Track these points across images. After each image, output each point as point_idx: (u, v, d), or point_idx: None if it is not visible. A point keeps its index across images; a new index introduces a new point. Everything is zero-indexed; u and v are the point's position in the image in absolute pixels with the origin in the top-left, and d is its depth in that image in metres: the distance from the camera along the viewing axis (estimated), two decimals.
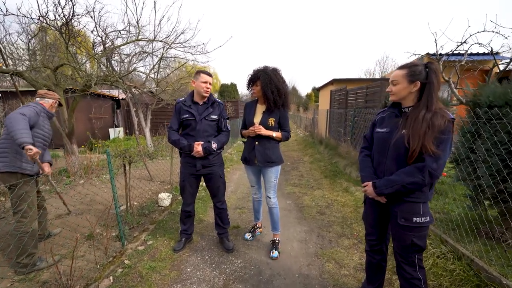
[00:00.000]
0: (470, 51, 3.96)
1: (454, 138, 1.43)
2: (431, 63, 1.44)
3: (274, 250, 2.60)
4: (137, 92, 7.84)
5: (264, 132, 2.40)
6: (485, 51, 4.41)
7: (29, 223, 2.24)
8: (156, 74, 7.09)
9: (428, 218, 1.47)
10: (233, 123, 10.05)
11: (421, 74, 1.43)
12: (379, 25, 65.58)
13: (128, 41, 5.60)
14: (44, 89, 2.73)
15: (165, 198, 3.88)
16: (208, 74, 2.44)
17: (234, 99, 24.85)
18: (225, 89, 31.35)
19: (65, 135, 5.38)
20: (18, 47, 5.84)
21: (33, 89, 4.92)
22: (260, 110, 2.52)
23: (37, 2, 3.86)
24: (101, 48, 5.43)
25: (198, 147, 2.38)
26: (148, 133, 8.29)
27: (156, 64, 6.68)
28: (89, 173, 5.31)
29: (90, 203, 3.83)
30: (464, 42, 3.80)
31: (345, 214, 3.54)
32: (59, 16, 4.09)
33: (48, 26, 4.36)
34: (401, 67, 1.51)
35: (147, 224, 3.25)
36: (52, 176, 2.69)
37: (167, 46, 6.04)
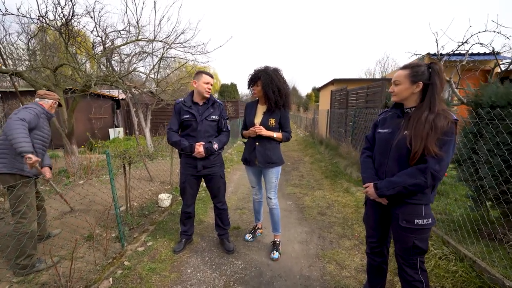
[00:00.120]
0: (471, 51, 3.95)
1: (456, 138, 1.41)
2: (434, 63, 1.42)
3: (274, 251, 2.59)
4: (137, 92, 7.82)
5: (265, 132, 2.39)
6: (486, 51, 4.40)
7: (28, 224, 2.23)
8: (156, 74, 7.08)
9: (430, 220, 1.45)
10: (233, 123, 10.03)
11: (424, 74, 1.41)
12: (379, 25, 65.64)
13: (128, 41, 5.59)
14: (44, 90, 2.72)
15: (165, 199, 3.86)
16: (210, 75, 2.43)
17: (234, 99, 24.85)
18: (225, 89, 31.37)
19: (65, 135, 5.37)
20: (18, 47, 5.84)
21: (33, 89, 4.91)
22: (260, 110, 2.50)
23: (36, 2, 3.84)
24: (101, 48, 5.42)
25: (200, 148, 2.37)
26: (148, 133, 8.28)
27: (156, 64, 6.67)
28: (89, 174, 5.29)
29: (89, 204, 3.82)
30: (465, 42, 3.78)
31: (346, 215, 3.52)
32: (58, 16, 4.08)
33: (47, 26, 4.35)
34: (404, 67, 1.49)
35: (147, 225, 3.23)
36: (51, 176, 2.68)
37: (167, 46, 6.03)
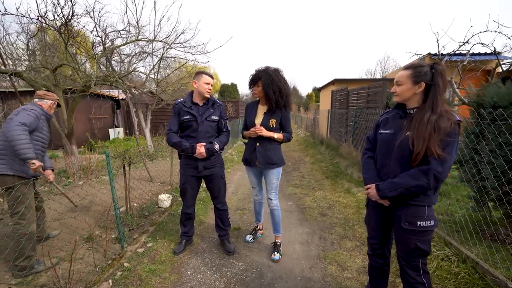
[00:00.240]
0: (472, 51, 3.93)
1: (458, 139, 1.39)
2: (437, 64, 1.40)
3: (275, 252, 2.57)
4: (137, 92, 7.81)
5: (265, 133, 2.37)
6: (488, 51, 4.38)
7: (27, 225, 2.21)
8: (156, 74, 7.06)
9: (432, 222, 1.44)
10: (233, 123, 10.02)
11: (427, 75, 1.39)
12: (380, 24, 65.52)
13: (128, 41, 5.57)
14: (43, 90, 2.70)
15: (165, 199, 3.84)
16: (210, 75, 2.42)
17: (234, 99, 24.88)
18: (226, 89, 31.39)
19: (65, 135, 5.36)
20: (18, 47, 5.83)
21: (32, 89, 4.89)
22: (261, 111, 2.49)
23: (36, 2, 3.83)
24: (101, 48, 5.40)
25: (201, 149, 2.35)
26: (148, 133, 8.27)
27: (156, 64, 6.65)
28: (89, 174, 5.28)
29: (89, 205, 3.81)
30: (467, 42, 3.77)
31: (347, 216, 3.50)
32: (58, 16, 4.07)
33: (47, 26, 4.33)
34: (406, 68, 1.48)
35: (147, 225, 3.22)
36: (55, 178, 2.69)
37: (167, 46, 6.02)
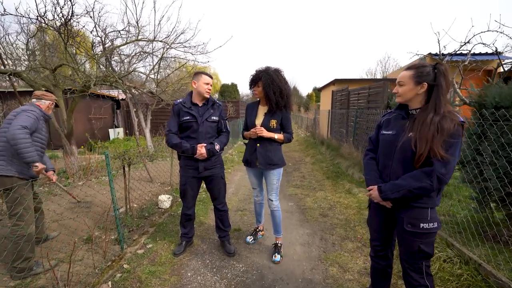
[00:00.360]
0: (473, 51, 3.91)
1: (462, 141, 1.38)
2: (440, 64, 1.39)
3: (276, 254, 2.55)
4: (136, 92, 7.79)
5: (266, 134, 2.36)
6: (489, 51, 4.36)
7: (25, 227, 2.20)
8: (156, 74, 7.04)
9: (435, 224, 1.42)
10: (233, 124, 10.00)
11: (429, 75, 1.38)
12: (380, 24, 65.37)
13: (128, 41, 5.56)
14: (43, 90, 2.69)
15: (165, 200, 3.83)
16: (209, 75, 2.40)
17: (235, 99, 24.88)
18: (226, 89, 31.38)
19: (64, 136, 5.34)
20: (18, 47, 5.81)
21: (32, 89, 4.87)
22: (262, 111, 2.47)
23: (35, 1, 3.81)
24: (101, 48, 5.38)
25: (202, 149, 2.34)
26: (148, 133, 8.25)
27: (156, 64, 6.63)
28: (88, 175, 5.26)
29: (88, 206, 3.79)
30: (468, 42, 3.75)
31: (348, 216, 3.48)
32: (57, 16, 4.05)
33: (46, 26, 4.31)
34: (408, 68, 1.46)
35: (147, 226, 3.20)
36: (57, 179, 2.69)
37: (167, 46, 6.00)
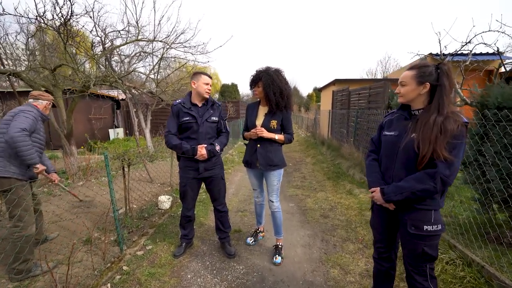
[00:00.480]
0: (474, 51, 3.89)
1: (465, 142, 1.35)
2: (443, 63, 1.36)
3: (277, 255, 2.53)
4: (136, 92, 7.77)
5: (266, 134, 2.34)
6: (489, 51, 4.33)
7: (25, 228, 2.18)
8: (156, 74, 7.02)
9: (439, 226, 1.40)
10: (234, 124, 9.98)
11: (431, 75, 1.36)
12: (380, 24, 65.36)
13: (128, 41, 5.54)
14: (42, 90, 2.67)
15: (165, 201, 3.80)
16: (208, 75, 2.39)
17: (235, 99, 24.87)
18: (226, 89, 31.38)
19: (64, 136, 5.32)
20: (18, 48, 5.79)
21: (31, 89, 4.85)
22: (262, 111, 2.45)
23: (34, 1, 3.79)
24: (100, 48, 5.37)
25: (202, 150, 2.32)
26: (148, 134, 8.22)
27: (156, 64, 6.61)
28: (88, 175, 5.24)
29: (88, 206, 3.77)
30: (469, 42, 3.72)
31: (349, 217, 3.46)
32: (57, 16, 4.03)
33: (46, 26, 4.29)
34: (411, 68, 1.44)
35: (147, 228, 3.18)
36: (59, 179, 2.69)
37: (167, 46, 5.98)
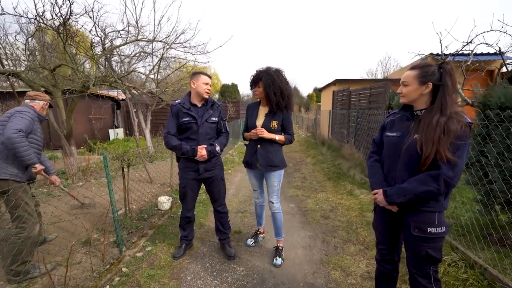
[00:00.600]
0: (475, 51, 3.86)
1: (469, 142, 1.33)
2: (446, 63, 1.34)
3: (277, 257, 2.51)
4: (136, 93, 7.75)
5: (267, 135, 2.32)
6: (490, 51, 4.31)
7: (29, 229, 2.17)
8: (156, 74, 7.00)
9: (444, 229, 1.37)
10: (234, 124, 9.96)
11: (434, 75, 1.34)
12: (381, 24, 65.28)
13: (128, 41, 5.52)
14: (42, 90, 2.64)
15: (165, 202, 3.78)
16: (207, 75, 2.36)
17: (235, 99, 24.85)
18: (226, 90, 31.39)
19: (63, 136, 5.31)
20: (18, 48, 5.77)
21: (31, 90, 4.83)
22: (262, 112, 2.43)
23: (33, 1, 3.77)
24: (100, 48, 5.35)
25: (202, 151, 2.30)
26: (148, 134, 8.20)
27: (156, 64, 6.59)
28: (88, 176, 5.22)
29: (88, 206, 3.75)
30: (470, 42, 3.70)
31: (350, 218, 3.44)
32: (56, 15, 4.01)
33: (45, 26, 4.27)
34: (413, 67, 1.42)
35: (146, 229, 3.16)
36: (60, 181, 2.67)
37: (167, 46, 5.96)
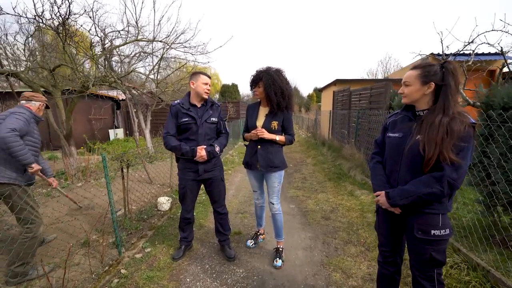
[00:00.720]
0: (477, 51, 3.84)
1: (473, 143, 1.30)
2: (448, 62, 1.32)
3: (278, 258, 2.48)
4: (136, 93, 7.73)
5: (267, 135, 2.29)
6: (492, 51, 4.28)
7: (34, 230, 2.16)
8: (156, 74, 6.98)
9: (447, 231, 1.35)
10: (234, 124, 9.94)
11: (436, 74, 1.31)
12: (381, 24, 65.26)
13: (127, 41, 5.50)
14: (41, 90, 2.62)
15: (165, 202, 3.76)
16: (207, 75, 2.34)
17: (235, 99, 24.84)
18: (226, 90, 31.39)
19: (63, 136, 5.29)
20: (18, 48, 5.75)
21: (30, 90, 4.81)
22: (263, 112, 2.41)
23: (32, 1, 3.75)
24: (100, 48, 5.33)
25: (202, 152, 2.28)
26: (148, 134, 8.18)
27: (156, 64, 6.57)
28: (87, 176, 5.20)
29: (87, 207, 3.73)
30: (472, 41, 3.67)
31: (350, 219, 3.41)
32: (55, 15, 3.99)
33: (44, 26, 4.26)
34: (415, 67, 1.40)
35: (146, 229, 3.14)
36: (58, 184, 2.65)
37: (167, 47, 5.94)
